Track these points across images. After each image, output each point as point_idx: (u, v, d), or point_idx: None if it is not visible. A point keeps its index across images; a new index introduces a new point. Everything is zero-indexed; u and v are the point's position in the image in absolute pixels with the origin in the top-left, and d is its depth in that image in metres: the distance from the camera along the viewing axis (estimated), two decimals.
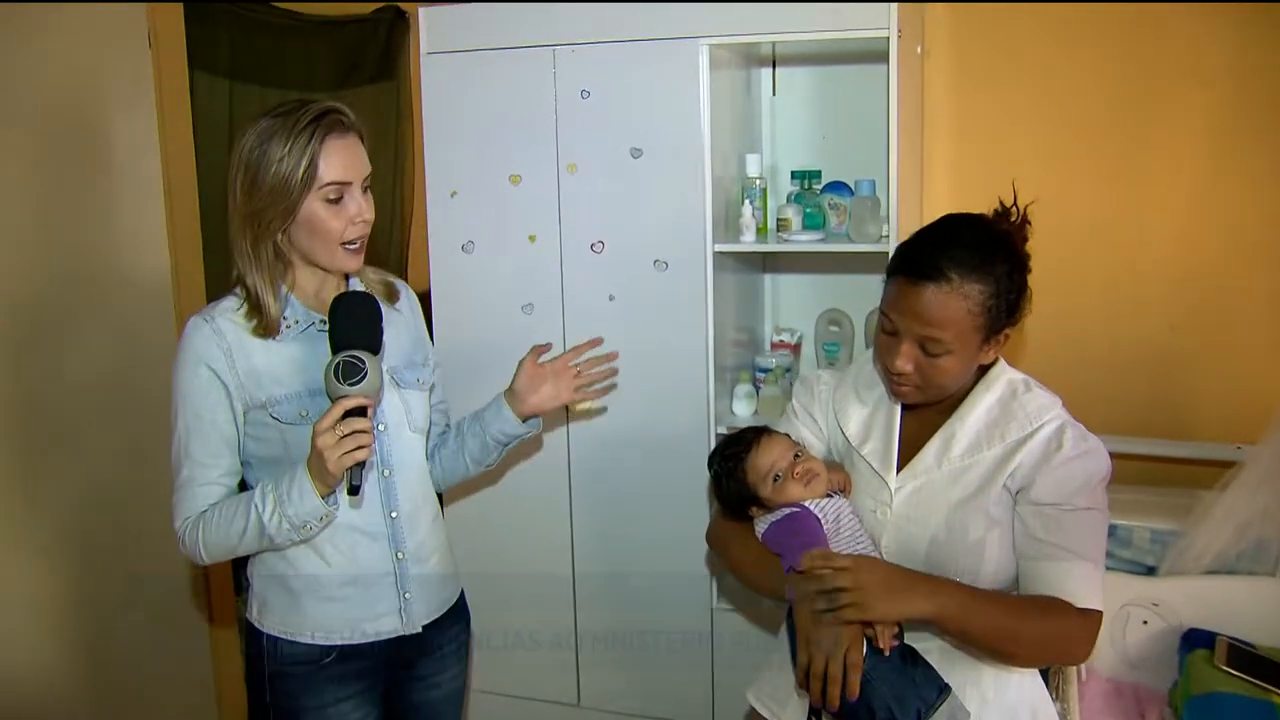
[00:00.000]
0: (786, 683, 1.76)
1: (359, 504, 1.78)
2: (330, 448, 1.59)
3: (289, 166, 1.65)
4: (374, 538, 1.82)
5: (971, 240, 1.59)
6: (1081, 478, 1.60)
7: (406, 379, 1.87)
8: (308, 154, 1.65)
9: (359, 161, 1.73)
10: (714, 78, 2.43)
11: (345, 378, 1.61)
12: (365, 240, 1.77)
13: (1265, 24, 2.47)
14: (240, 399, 1.73)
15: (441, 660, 1.96)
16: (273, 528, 1.67)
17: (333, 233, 1.71)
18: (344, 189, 1.70)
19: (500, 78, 2.56)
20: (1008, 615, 1.57)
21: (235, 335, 1.73)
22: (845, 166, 2.69)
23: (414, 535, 1.86)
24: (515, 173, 2.58)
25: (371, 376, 1.62)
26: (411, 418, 1.86)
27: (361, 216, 1.73)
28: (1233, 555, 2.26)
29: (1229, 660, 2.10)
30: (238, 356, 1.73)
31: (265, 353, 1.75)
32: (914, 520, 1.68)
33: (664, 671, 2.71)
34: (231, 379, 1.72)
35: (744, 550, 1.80)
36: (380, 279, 1.93)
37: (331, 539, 1.79)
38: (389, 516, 1.83)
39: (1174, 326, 2.63)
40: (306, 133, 1.65)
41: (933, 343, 1.57)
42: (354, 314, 1.70)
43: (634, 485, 2.63)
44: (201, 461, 1.74)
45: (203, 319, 1.74)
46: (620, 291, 2.56)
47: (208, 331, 1.72)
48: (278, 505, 1.66)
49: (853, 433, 1.78)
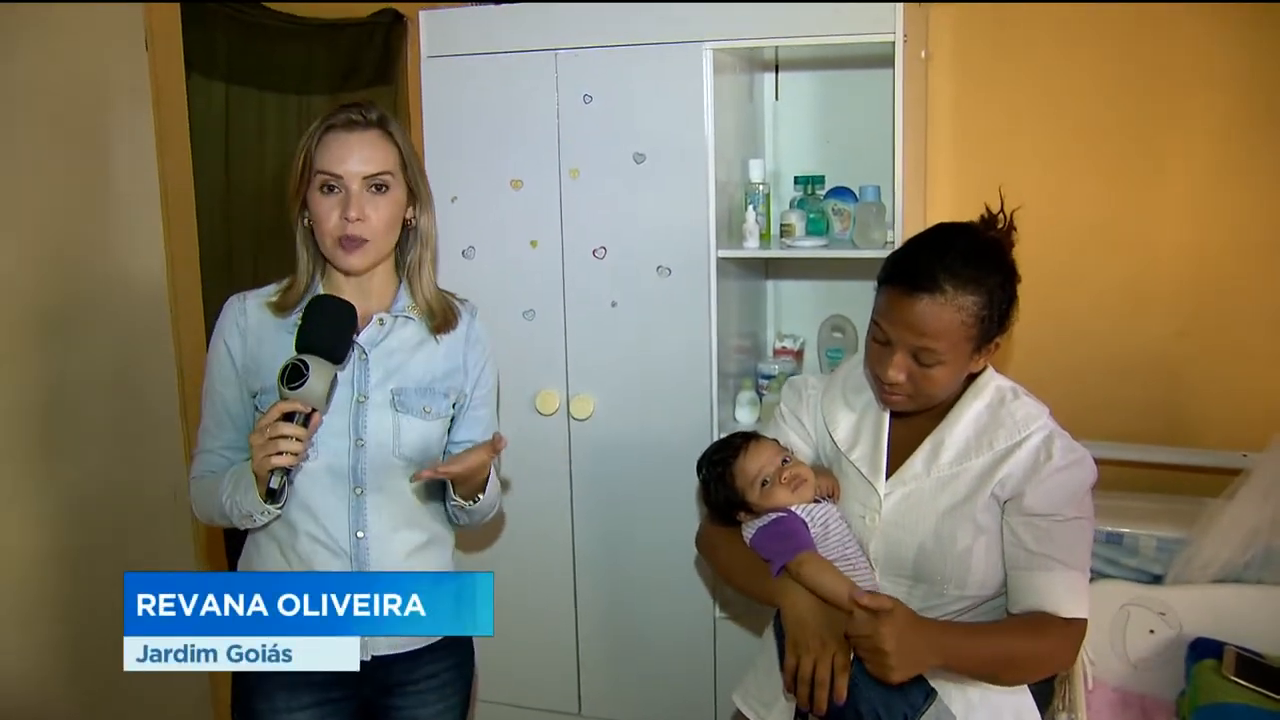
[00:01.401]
0: (773, 685, 1.78)
1: (282, 507, 1.72)
2: (257, 447, 1.60)
3: (299, 152, 1.74)
4: (335, 554, 1.77)
5: (966, 251, 1.60)
6: (1071, 488, 1.62)
7: (410, 404, 1.81)
8: (312, 141, 1.72)
9: (361, 158, 1.71)
10: (717, 82, 2.42)
11: (288, 381, 1.59)
12: (371, 244, 1.74)
13: (1269, 24, 2.46)
14: (245, 381, 1.79)
15: (419, 695, 1.88)
16: (227, 509, 1.71)
17: (325, 225, 1.72)
18: (337, 181, 1.71)
19: (501, 81, 2.54)
20: (1000, 645, 1.61)
21: (257, 318, 1.80)
22: (849, 172, 2.68)
23: (383, 561, 1.79)
24: (517, 177, 2.56)
25: (313, 384, 1.59)
26: (399, 443, 1.79)
27: (357, 214, 1.70)
28: (1240, 564, 2.25)
29: (1237, 670, 2.09)
30: (250, 340, 1.78)
31: (274, 343, 1.77)
32: (902, 527, 1.69)
33: (665, 679, 2.69)
34: (241, 359, 1.78)
35: (732, 555, 1.82)
36: (439, 303, 1.86)
37: (294, 544, 1.77)
38: (354, 535, 1.77)
39: (1179, 332, 2.62)
40: (321, 123, 1.74)
41: (926, 353, 1.58)
42: (322, 318, 1.68)
43: (636, 492, 2.61)
44: (209, 429, 1.82)
45: (239, 296, 1.83)
46: (623, 297, 2.54)
47: (237, 309, 1.81)
48: (233, 490, 1.69)
49: (841, 438, 1.78)
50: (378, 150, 1.74)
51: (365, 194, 1.72)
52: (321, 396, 1.62)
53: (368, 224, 1.72)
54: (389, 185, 1.75)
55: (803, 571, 1.65)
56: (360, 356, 1.78)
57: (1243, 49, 2.50)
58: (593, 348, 2.58)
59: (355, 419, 1.77)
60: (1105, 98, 2.63)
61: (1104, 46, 2.61)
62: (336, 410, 1.74)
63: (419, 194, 1.82)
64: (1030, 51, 2.68)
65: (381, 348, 1.81)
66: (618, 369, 2.57)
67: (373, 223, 1.73)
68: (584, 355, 2.59)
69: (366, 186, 1.72)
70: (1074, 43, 2.63)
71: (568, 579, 2.70)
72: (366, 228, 1.72)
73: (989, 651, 1.59)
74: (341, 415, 1.76)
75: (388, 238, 1.78)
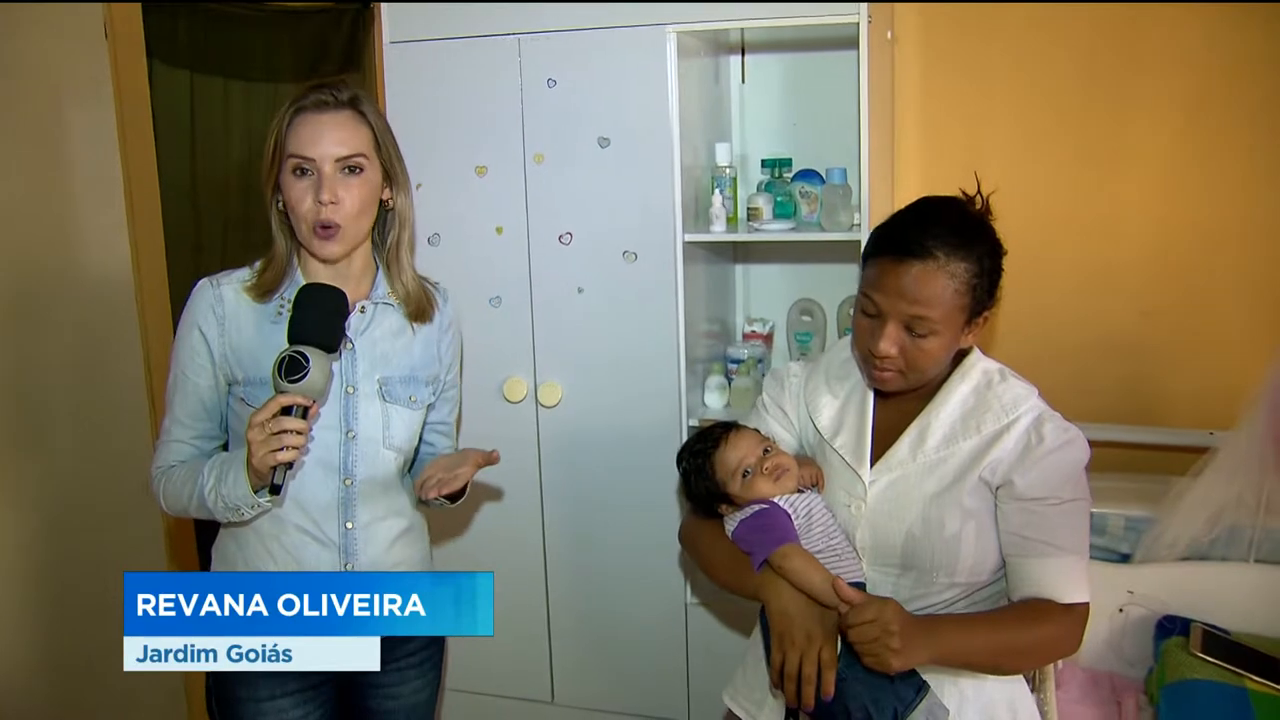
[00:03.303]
0: (762, 683, 1.74)
1: (280, 503, 1.71)
2: (258, 443, 1.56)
3: (270, 135, 1.71)
4: (324, 545, 1.76)
5: (953, 220, 1.58)
6: (1066, 469, 1.60)
7: (397, 394, 1.80)
8: (282, 123, 1.69)
9: (333, 140, 1.68)
10: (682, 65, 2.40)
11: (286, 374, 1.56)
12: (346, 229, 1.71)
13: (1238, 11, 2.46)
14: (223, 370, 1.74)
15: (400, 673, 1.89)
16: (210, 501, 1.66)
17: (300, 210, 1.69)
18: (309, 164, 1.68)
19: (465, 67, 2.52)
20: (1001, 635, 1.57)
21: (234, 305, 1.74)
22: (816, 154, 2.66)
23: (369, 550, 1.80)
24: (481, 164, 2.54)
25: (314, 376, 1.56)
26: (389, 433, 1.79)
27: (330, 198, 1.67)
28: (1206, 542, 2.26)
29: (1204, 647, 2.10)
30: (229, 327, 1.73)
31: (254, 331, 1.73)
32: (889, 514, 1.65)
33: (638, 667, 2.68)
34: (218, 347, 1.73)
35: (714, 549, 1.77)
36: (416, 290, 1.85)
37: (279, 537, 1.75)
38: (344, 527, 1.77)
39: (1147, 312, 2.62)
40: (291, 105, 1.70)
41: (919, 322, 1.55)
42: (314, 307, 1.64)
43: (605, 479, 2.60)
44: (180, 419, 1.76)
45: (211, 282, 1.76)
46: (589, 283, 2.53)
47: (210, 295, 1.75)
48: (218, 482, 1.65)
49: (824, 425, 1.75)
50: (350, 131, 1.71)
51: (338, 176, 1.69)
52: (321, 389, 1.59)
53: (341, 207, 1.69)
54: (363, 167, 1.72)
55: (785, 565, 1.61)
56: (347, 346, 1.76)
57: (1214, 35, 2.49)
58: (560, 334, 2.57)
59: (345, 410, 1.75)
60: (1073, 81, 2.62)
61: (1072, 31, 2.60)
62: (326, 401, 1.72)
63: (395, 175, 1.80)
64: (997, 34, 2.67)
65: (366, 336, 1.79)
66: (585, 355, 2.55)
67: (346, 206, 1.70)
68: (551, 342, 2.58)
69: (340, 169, 1.69)
70: (1042, 26, 2.62)
71: (538, 566, 2.69)
72: (340, 211, 1.69)
73: (988, 642, 1.56)
74: (331, 407, 1.74)
75: (362, 221, 1.75)
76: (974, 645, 1.56)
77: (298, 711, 1.81)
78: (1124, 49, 2.57)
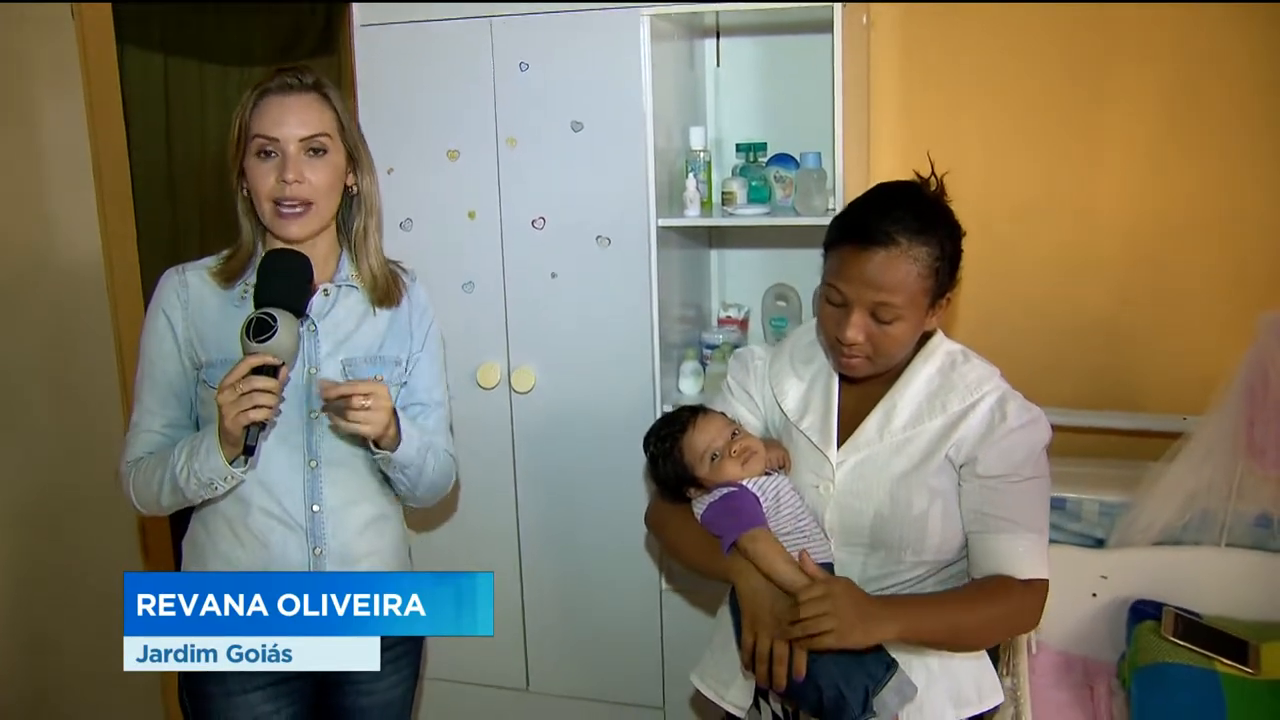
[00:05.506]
0: (730, 663, 1.75)
1: (254, 465, 1.70)
2: (229, 404, 1.56)
3: (235, 118, 1.72)
4: (291, 528, 1.76)
5: (912, 205, 1.60)
6: (1026, 448, 1.63)
7: (361, 374, 1.79)
8: (247, 106, 1.71)
9: (297, 120, 1.70)
10: (655, 49, 2.38)
11: (255, 334, 1.57)
12: (312, 208, 1.72)
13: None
14: (188, 354, 1.75)
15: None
16: (182, 480, 1.66)
17: (262, 189, 1.70)
18: (273, 145, 1.69)
19: (436, 50, 2.49)
20: (960, 612, 1.60)
21: (199, 291, 1.77)
22: (791, 138, 2.64)
23: (338, 535, 1.79)
24: (453, 148, 2.52)
25: (282, 336, 1.58)
26: None
27: (295, 177, 1.68)
28: (1179, 526, 2.26)
29: (1176, 631, 2.11)
30: (194, 312, 1.75)
31: (219, 314, 1.74)
32: (857, 495, 1.67)
33: (613, 654, 2.68)
34: (183, 332, 1.75)
35: (682, 533, 1.78)
36: (383, 273, 1.85)
37: (245, 520, 1.75)
38: (310, 509, 1.77)
39: (1120, 299, 2.62)
40: (255, 88, 1.72)
41: (885, 308, 1.57)
42: (279, 271, 1.66)
43: (579, 465, 2.59)
44: (149, 408, 1.77)
45: (176, 269, 1.79)
46: (562, 268, 2.51)
47: (175, 281, 1.77)
48: (190, 458, 1.65)
49: (790, 408, 1.76)
50: (314, 112, 1.72)
51: (303, 157, 1.71)
52: (290, 349, 1.61)
53: (305, 186, 1.70)
54: (327, 148, 1.73)
55: (753, 549, 1.62)
56: (310, 329, 1.76)
57: (1188, 23, 2.49)
58: (533, 319, 2.55)
59: (309, 391, 1.75)
60: (1050, 66, 2.61)
61: (1051, 19, 2.59)
62: (294, 366, 1.71)
63: (359, 159, 1.81)
64: (974, 19, 2.65)
65: (329, 319, 1.79)
66: (559, 341, 2.54)
67: (311, 184, 1.70)
68: (525, 327, 2.56)
69: (304, 149, 1.71)
70: (1020, 13, 2.61)
71: (512, 554, 2.68)
72: (304, 189, 1.70)
73: (948, 618, 1.58)
74: (294, 388, 1.74)
75: (327, 202, 1.76)
76: (931, 622, 1.57)
77: (268, 706, 1.80)
78: (1103, 37, 2.56)
